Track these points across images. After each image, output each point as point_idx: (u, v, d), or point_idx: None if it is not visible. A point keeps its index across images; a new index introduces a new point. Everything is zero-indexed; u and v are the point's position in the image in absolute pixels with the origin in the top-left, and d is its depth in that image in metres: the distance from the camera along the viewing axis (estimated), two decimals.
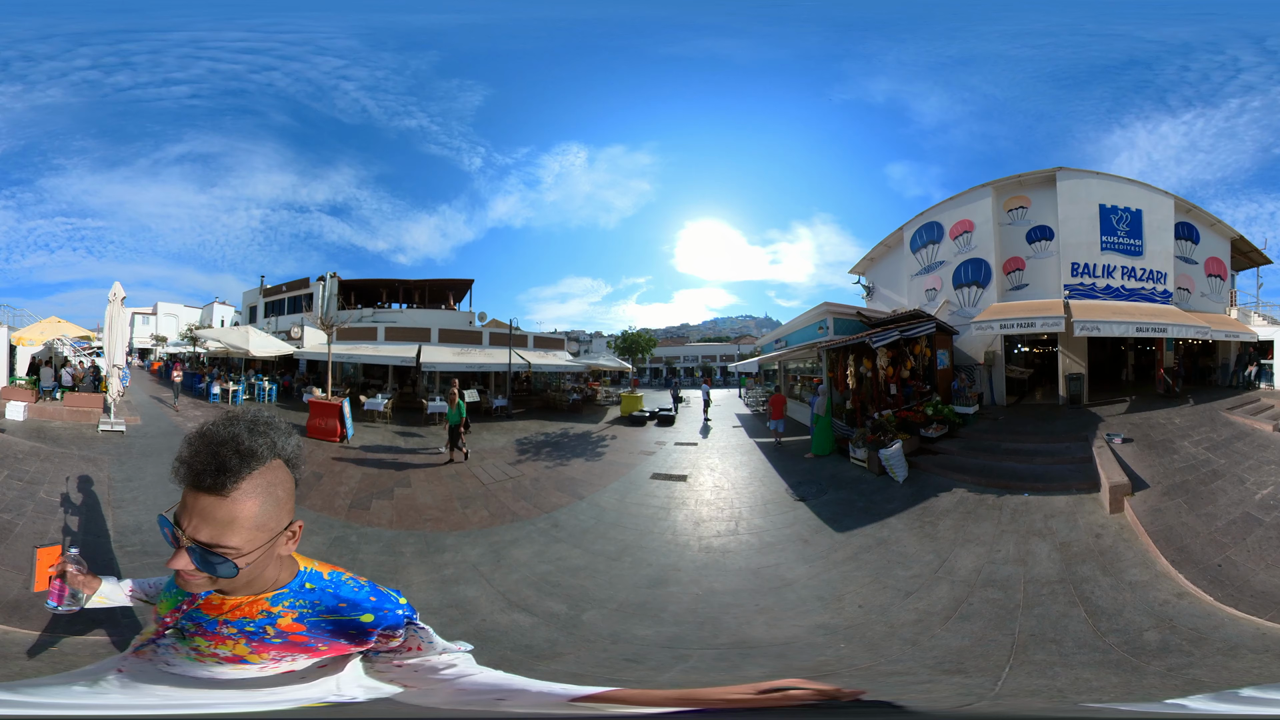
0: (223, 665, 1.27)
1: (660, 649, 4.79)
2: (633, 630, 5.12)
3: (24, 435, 9.84)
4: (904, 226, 16.38)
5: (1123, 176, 14.03)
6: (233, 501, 1.11)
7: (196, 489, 1.11)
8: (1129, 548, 5.83)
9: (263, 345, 20.69)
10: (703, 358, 51.85)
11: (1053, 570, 5.50)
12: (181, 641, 1.30)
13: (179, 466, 1.14)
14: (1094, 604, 4.90)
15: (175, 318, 39.22)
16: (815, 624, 5.19)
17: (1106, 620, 4.66)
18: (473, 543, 7.30)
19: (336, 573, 1.31)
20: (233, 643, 1.25)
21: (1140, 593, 5.03)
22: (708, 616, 5.42)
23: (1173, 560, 5.35)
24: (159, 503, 7.50)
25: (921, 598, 5.38)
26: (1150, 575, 5.29)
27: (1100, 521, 6.50)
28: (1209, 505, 6.39)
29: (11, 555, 5.25)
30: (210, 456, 1.11)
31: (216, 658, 1.27)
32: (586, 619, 5.37)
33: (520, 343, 23.20)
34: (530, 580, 6.19)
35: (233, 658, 1.26)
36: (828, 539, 7.14)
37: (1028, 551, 5.94)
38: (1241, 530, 5.76)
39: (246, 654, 1.25)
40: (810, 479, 9.79)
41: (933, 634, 4.75)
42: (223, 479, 1.10)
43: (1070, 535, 6.21)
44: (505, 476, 10.51)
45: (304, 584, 1.27)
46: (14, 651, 3.97)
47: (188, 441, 1.15)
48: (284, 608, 1.24)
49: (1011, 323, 12.25)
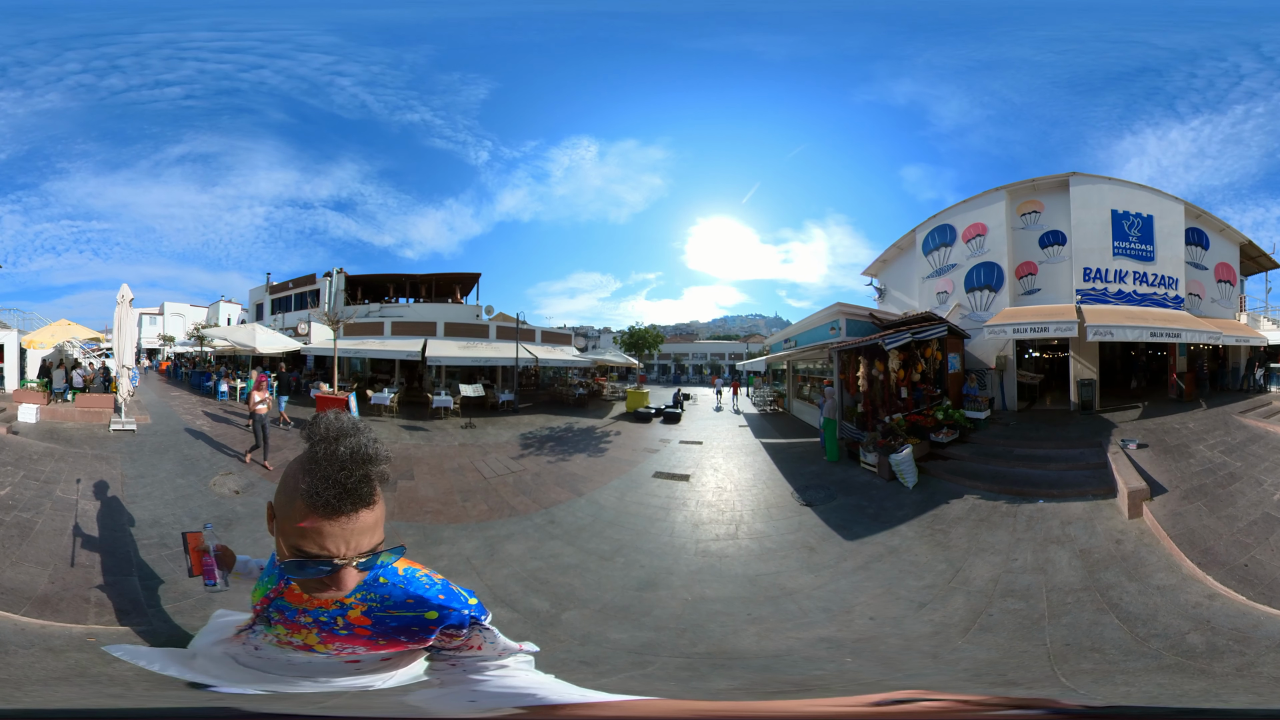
0: (297, 653, 1.33)
1: (625, 653, 4.67)
2: (606, 633, 5.04)
3: (38, 436, 10.02)
4: (917, 229, 16.35)
5: (1134, 182, 14.02)
6: (378, 503, 1.17)
7: (356, 509, 1.12)
8: (1151, 552, 5.81)
9: (269, 342, 20.72)
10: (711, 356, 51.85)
11: (1075, 578, 5.45)
12: (268, 629, 1.38)
13: (323, 495, 1.10)
14: (1125, 610, 4.85)
15: (182, 317, 39.49)
16: (816, 636, 5.01)
17: (1143, 626, 4.61)
18: (469, 536, 7.31)
19: (411, 568, 1.32)
20: (306, 632, 1.31)
21: (1170, 596, 5.00)
22: (692, 624, 5.29)
23: (1199, 563, 5.33)
24: (172, 497, 7.60)
25: (936, 609, 5.29)
26: (1178, 579, 5.26)
27: (1120, 527, 6.47)
28: (1229, 508, 6.37)
29: (35, 553, 5.33)
30: (362, 477, 1.13)
31: (292, 645, 1.34)
32: (566, 618, 5.31)
33: (527, 337, 23.17)
34: (519, 576, 6.20)
35: (304, 646, 1.32)
36: (836, 547, 7.00)
37: (1047, 559, 5.90)
38: (1264, 530, 5.76)
39: (315, 643, 1.31)
40: (817, 483, 9.65)
41: (953, 646, 4.64)
42: (371, 489, 1.14)
43: (1090, 542, 6.18)
44: (507, 471, 10.55)
45: (377, 578, 1.27)
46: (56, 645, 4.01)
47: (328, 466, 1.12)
48: (356, 600, 1.27)
49: (1025, 327, 12.21)
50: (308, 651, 1.32)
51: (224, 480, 8.63)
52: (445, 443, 12.83)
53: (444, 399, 16.41)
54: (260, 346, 19.95)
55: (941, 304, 15.09)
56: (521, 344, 20.38)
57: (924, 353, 12.30)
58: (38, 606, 4.45)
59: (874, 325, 13.26)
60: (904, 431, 10.30)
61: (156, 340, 36.22)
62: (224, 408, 15.74)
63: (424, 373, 21.65)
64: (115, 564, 5.46)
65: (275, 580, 1.39)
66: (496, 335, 22.75)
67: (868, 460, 10.10)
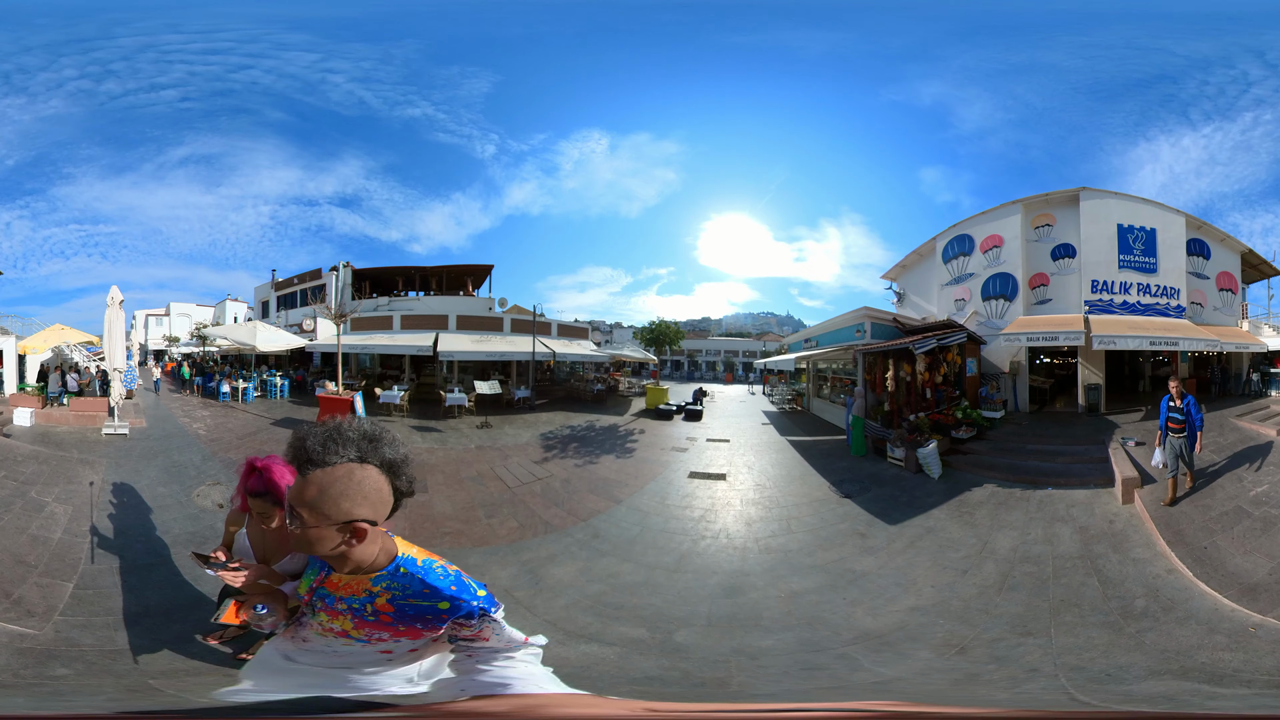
0: (336, 640, 1.53)
1: (784, 657, 4.91)
2: (742, 644, 5.11)
3: (29, 440, 10.37)
4: (937, 237, 18.07)
5: (1138, 196, 15.77)
6: (304, 482, 1.42)
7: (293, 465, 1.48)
8: (1136, 531, 7.47)
9: (270, 340, 20.96)
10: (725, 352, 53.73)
11: (1074, 549, 7.11)
12: (313, 617, 1.59)
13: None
14: (1105, 575, 6.38)
15: (188, 317, 40.43)
16: (909, 607, 5.80)
17: (1112, 588, 6.03)
18: (501, 561, 6.92)
19: (429, 559, 1.51)
20: (343, 619, 1.51)
21: (1140, 567, 6.50)
22: (808, 618, 5.64)
23: (1169, 542, 6.87)
24: (146, 506, 7.68)
25: (975, 574, 6.57)
26: (1151, 554, 6.81)
27: (1114, 510, 8.20)
28: (1207, 499, 7.84)
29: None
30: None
31: (333, 632, 1.53)
32: (681, 640, 5.17)
33: (544, 330, 23.25)
34: (584, 604, 5.87)
35: (342, 632, 1.52)
36: (883, 531, 8.03)
37: (1053, 534, 7.58)
38: (1231, 520, 7.04)
39: (351, 629, 1.50)
40: (850, 477, 10.69)
41: (995, 603, 5.87)
42: (298, 466, 1.46)
43: (1088, 521, 7.88)
44: (532, 477, 10.39)
45: (399, 568, 1.48)
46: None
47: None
48: (382, 588, 1.47)
49: (1038, 336, 14.02)
50: (345, 638, 1.51)
51: (209, 491, 8.39)
52: (461, 445, 12.86)
53: (458, 396, 16.49)
54: (261, 345, 20.31)
55: (959, 311, 16.84)
56: (538, 338, 20.42)
57: (946, 357, 14.05)
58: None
59: (897, 329, 14.89)
60: (928, 429, 11.99)
61: (162, 341, 37.19)
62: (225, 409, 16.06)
63: (436, 368, 21.89)
64: (60, 568, 5.65)
65: (317, 572, 1.61)
66: (511, 329, 22.85)
67: (894, 455, 11.55)
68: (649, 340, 32.27)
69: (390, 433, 1.55)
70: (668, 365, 47.04)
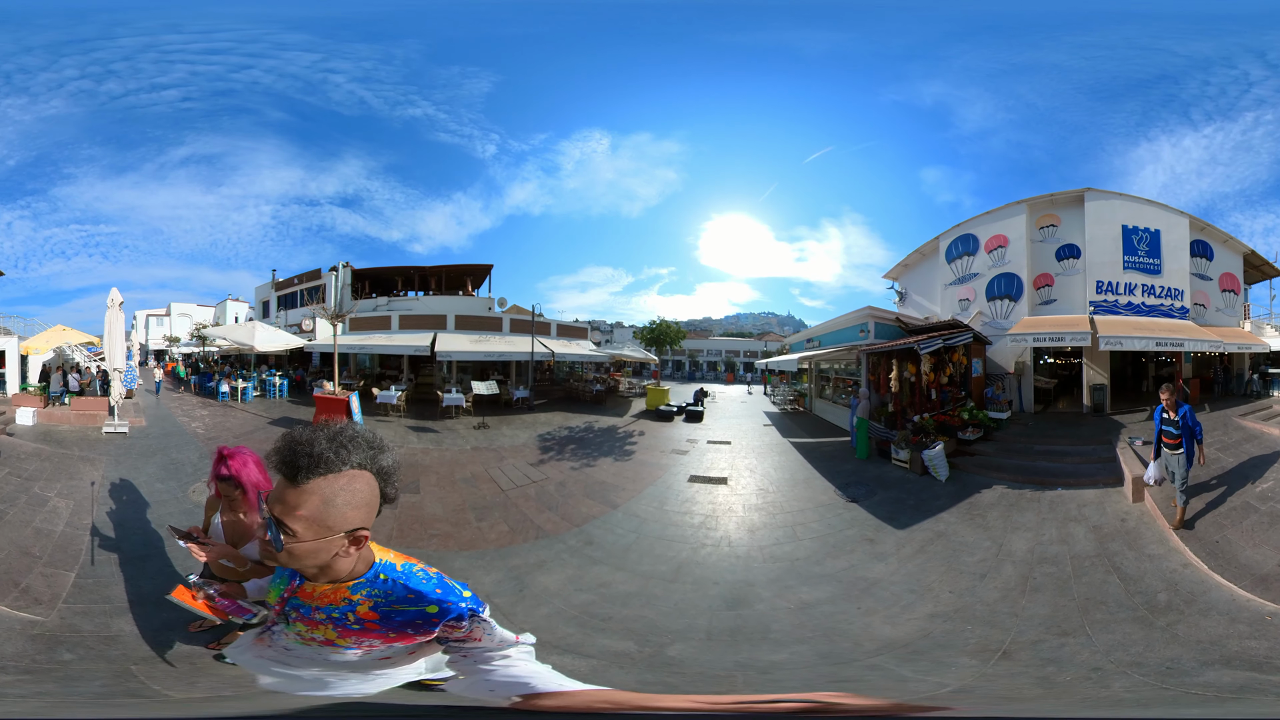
0: (321, 648, 1.50)
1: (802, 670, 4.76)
2: (749, 658, 4.89)
3: (32, 438, 10.75)
4: (940, 236, 18.17)
5: (1142, 198, 15.96)
6: (300, 492, 1.34)
7: (279, 474, 1.39)
8: (1148, 528, 7.54)
9: (269, 340, 21.03)
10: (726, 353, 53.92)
11: (1090, 548, 7.16)
12: (288, 626, 1.56)
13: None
14: (1124, 572, 6.48)
15: (189, 317, 40.41)
16: (928, 614, 5.68)
17: (1133, 584, 6.18)
18: (488, 566, 6.81)
19: (409, 564, 1.49)
20: (324, 628, 1.48)
21: (1157, 563, 6.62)
22: (823, 629, 5.45)
23: (1182, 538, 7.02)
24: (144, 501, 7.89)
25: (994, 578, 6.49)
26: (1165, 550, 6.93)
27: (1125, 509, 8.26)
28: (1215, 495, 8.01)
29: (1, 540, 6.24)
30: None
31: (315, 642, 1.51)
32: (675, 654, 4.92)
33: (543, 330, 23.26)
34: (568, 614, 5.67)
35: (326, 641, 1.49)
36: (891, 536, 7.85)
37: (1068, 534, 7.62)
38: (1239, 515, 7.33)
39: (335, 638, 1.47)
40: (855, 480, 10.51)
41: (1022, 605, 5.79)
42: (292, 473, 1.36)
43: (1101, 520, 7.94)
44: (527, 480, 10.25)
45: (379, 575, 1.45)
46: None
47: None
48: (362, 596, 1.44)
49: (1044, 336, 14.13)
50: (332, 646, 1.48)
51: (204, 487, 8.42)
52: (456, 446, 12.73)
53: (455, 396, 16.46)
54: (260, 345, 20.37)
55: (963, 310, 16.93)
56: (537, 338, 20.50)
57: (951, 357, 14.11)
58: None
59: (900, 329, 14.95)
60: (934, 430, 12.01)
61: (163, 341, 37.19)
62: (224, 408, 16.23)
63: (434, 368, 21.81)
64: (62, 559, 5.96)
65: (287, 581, 1.56)
66: (510, 329, 22.79)
67: (899, 457, 11.50)
68: (649, 340, 32.31)
69: (383, 438, 1.53)
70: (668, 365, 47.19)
